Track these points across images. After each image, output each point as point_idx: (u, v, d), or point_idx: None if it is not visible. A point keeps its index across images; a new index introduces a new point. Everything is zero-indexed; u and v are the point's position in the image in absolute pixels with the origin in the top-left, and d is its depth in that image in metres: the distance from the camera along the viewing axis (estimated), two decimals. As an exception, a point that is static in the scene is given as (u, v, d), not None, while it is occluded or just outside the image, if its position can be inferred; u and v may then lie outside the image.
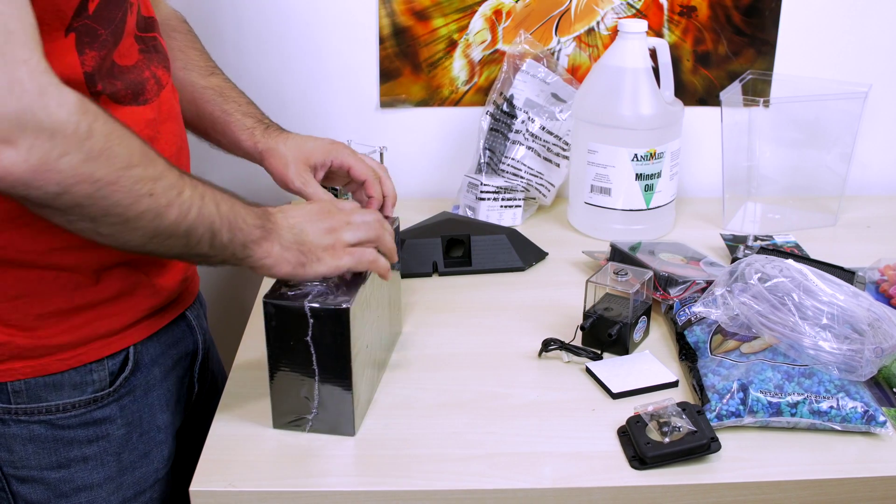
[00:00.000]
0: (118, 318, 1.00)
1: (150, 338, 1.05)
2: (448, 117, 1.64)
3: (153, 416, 1.06)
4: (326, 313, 0.95)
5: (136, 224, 0.85)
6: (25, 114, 0.75)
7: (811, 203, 1.58)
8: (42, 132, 0.76)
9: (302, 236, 0.99)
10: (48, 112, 0.76)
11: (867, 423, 1.01)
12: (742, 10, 1.57)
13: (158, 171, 0.86)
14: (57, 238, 0.94)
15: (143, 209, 0.84)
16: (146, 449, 1.05)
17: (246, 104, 1.21)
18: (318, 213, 1.03)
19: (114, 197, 0.82)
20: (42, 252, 0.94)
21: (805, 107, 1.54)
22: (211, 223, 0.90)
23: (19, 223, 0.92)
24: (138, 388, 1.04)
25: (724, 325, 1.10)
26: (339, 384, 0.99)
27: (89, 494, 1.02)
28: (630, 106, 1.43)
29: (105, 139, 0.81)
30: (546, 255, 1.44)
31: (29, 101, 0.75)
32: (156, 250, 0.90)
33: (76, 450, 1.00)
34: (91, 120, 0.80)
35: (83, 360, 0.98)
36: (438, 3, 1.55)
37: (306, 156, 1.17)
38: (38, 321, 0.96)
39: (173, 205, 0.87)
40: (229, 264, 0.97)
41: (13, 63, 0.75)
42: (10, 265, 0.93)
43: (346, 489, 0.95)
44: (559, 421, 1.04)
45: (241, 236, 0.94)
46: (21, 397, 0.97)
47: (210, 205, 0.91)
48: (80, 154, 0.79)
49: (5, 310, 0.94)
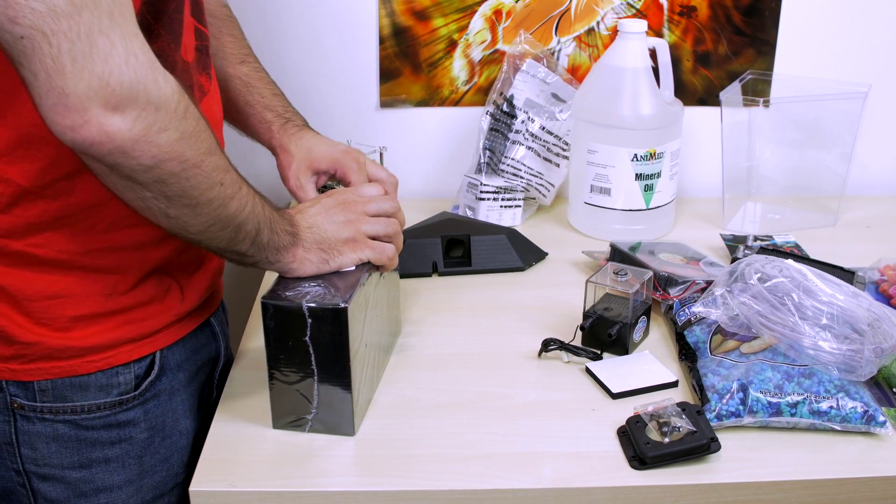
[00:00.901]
0: (148, 322, 1.01)
1: (175, 343, 1.05)
2: (448, 117, 1.64)
3: (176, 420, 1.05)
4: (325, 313, 0.96)
5: (203, 209, 0.88)
6: (138, 85, 0.77)
7: (811, 203, 1.58)
8: (150, 104, 0.79)
9: (321, 234, 1.02)
10: (158, 86, 0.79)
11: (867, 423, 1.01)
12: (742, 10, 1.57)
13: (226, 163, 0.90)
14: (96, 239, 0.95)
15: (213, 196, 0.88)
16: (167, 453, 1.05)
17: (271, 96, 1.22)
18: (335, 207, 1.05)
19: (194, 179, 0.85)
20: (80, 253, 0.95)
21: (805, 107, 1.54)
22: (258, 222, 0.94)
23: (60, 223, 0.93)
24: (163, 392, 1.04)
25: (723, 325, 1.10)
26: (338, 384, 0.99)
27: (109, 496, 1.02)
28: (630, 106, 1.43)
29: (196, 122, 0.84)
30: (546, 255, 1.44)
31: (143, 73, 0.78)
32: (206, 240, 0.92)
33: (98, 451, 1.00)
34: (187, 101, 0.83)
35: (111, 363, 0.99)
36: (438, 3, 1.55)
37: (312, 160, 1.18)
38: (72, 323, 0.96)
39: (235, 197, 0.91)
40: (257, 266, 1.00)
41: (129, 35, 0.77)
42: (48, 265, 0.94)
43: (346, 489, 0.95)
44: (559, 421, 1.04)
45: (276, 241, 0.97)
46: (47, 396, 0.97)
47: (258, 205, 0.95)
48: (177, 132, 0.82)
49: (39, 309, 0.95)
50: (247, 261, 0.98)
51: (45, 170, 0.90)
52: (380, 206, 1.08)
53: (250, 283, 1.38)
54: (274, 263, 0.99)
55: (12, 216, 0.91)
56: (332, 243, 1.02)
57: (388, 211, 1.09)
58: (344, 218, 1.04)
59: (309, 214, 1.03)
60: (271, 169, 1.61)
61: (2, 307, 0.94)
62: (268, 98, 1.22)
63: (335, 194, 1.08)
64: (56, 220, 0.93)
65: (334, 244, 1.02)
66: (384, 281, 1.11)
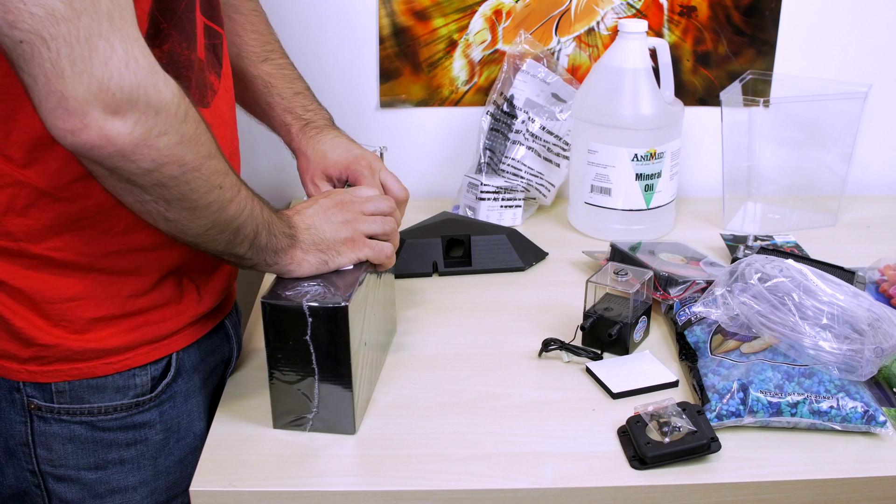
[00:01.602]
0: (165, 324, 1.01)
1: (191, 345, 1.05)
2: (448, 117, 1.64)
3: (190, 422, 1.06)
4: (325, 312, 0.96)
5: (202, 213, 0.88)
6: (138, 89, 0.77)
7: (811, 203, 1.58)
8: (150, 108, 0.79)
9: (319, 235, 1.02)
10: (158, 90, 0.79)
11: (867, 423, 1.01)
12: (742, 10, 1.57)
13: (225, 166, 0.90)
14: (113, 242, 0.95)
15: (212, 199, 0.88)
16: (182, 455, 1.05)
17: (291, 96, 1.22)
18: (332, 207, 1.05)
19: (194, 183, 0.85)
20: (98, 256, 0.95)
21: (805, 107, 1.54)
22: (256, 224, 0.94)
23: (79, 226, 0.93)
24: (179, 394, 1.04)
25: (724, 325, 1.10)
26: (339, 382, 0.99)
27: (123, 497, 1.02)
28: (630, 106, 1.43)
29: (196, 126, 0.84)
30: (546, 255, 1.44)
31: (143, 77, 0.78)
32: (204, 243, 0.92)
33: (114, 452, 1.00)
34: (187, 105, 0.83)
35: (129, 365, 0.99)
36: (438, 3, 1.55)
37: (326, 167, 1.18)
38: (90, 325, 0.96)
39: (234, 200, 0.91)
40: (255, 269, 1.00)
41: (129, 39, 0.77)
42: (66, 268, 0.94)
43: (347, 489, 0.95)
44: (559, 421, 1.04)
45: (274, 243, 0.97)
46: (64, 397, 0.97)
47: (257, 208, 0.95)
48: (177, 136, 0.82)
49: (58, 312, 0.95)
50: (245, 263, 0.98)
51: (60, 171, 0.90)
52: (376, 205, 1.08)
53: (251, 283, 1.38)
54: (272, 265, 0.99)
55: (30, 219, 0.92)
56: (331, 244, 1.02)
57: (385, 210, 1.09)
58: (342, 218, 1.04)
59: (306, 215, 1.03)
60: (271, 169, 1.62)
61: (20, 309, 0.94)
62: (288, 99, 1.22)
63: (332, 194, 1.08)
64: (73, 223, 0.93)
65: (333, 244, 1.02)
66: (380, 280, 1.11)
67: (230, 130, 1.07)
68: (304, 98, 1.23)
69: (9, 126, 0.88)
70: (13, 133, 0.88)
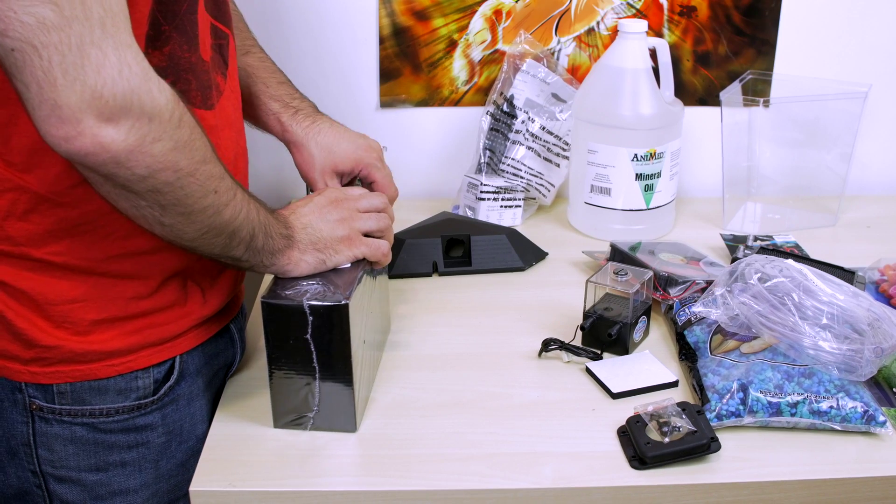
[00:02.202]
0: (169, 327, 1.01)
1: (195, 348, 1.05)
2: (448, 117, 1.64)
3: (193, 425, 1.05)
4: (326, 310, 0.96)
5: (197, 217, 0.88)
6: (132, 96, 0.77)
7: (811, 203, 1.58)
8: (143, 115, 0.78)
9: (316, 234, 1.02)
10: (151, 96, 0.79)
11: (867, 423, 1.01)
12: (742, 10, 1.57)
13: (221, 170, 0.90)
14: (115, 246, 0.95)
15: (207, 204, 0.88)
16: (184, 458, 1.05)
17: (276, 85, 1.21)
18: (327, 205, 1.05)
19: (188, 188, 0.85)
20: (101, 260, 0.95)
21: (805, 107, 1.54)
22: (252, 228, 0.94)
23: (79, 231, 0.93)
24: (181, 397, 1.03)
25: (724, 325, 1.10)
26: (339, 380, 0.99)
27: (124, 499, 1.02)
28: (630, 106, 1.43)
29: (191, 131, 0.84)
30: (546, 255, 1.44)
31: (136, 83, 0.77)
32: (200, 246, 0.92)
33: (116, 454, 1.00)
34: (182, 110, 0.83)
35: (131, 368, 0.99)
36: (438, 3, 1.55)
37: (334, 163, 1.18)
38: (92, 327, 0.96)
39: (230, 204, 0.90)
40: (253, 270, 1.00)
41: (122, 46, 0.77)
42: (68, 271, 0.94)
43: (347, 489, 0.95)
44: (559, 421, 1.04)
45: (271, 244, 0.97)
46: (65, 399, 0.97)
47: (253, 211, 0.94)
48: (171, 142, 0.81)
49: (60, 313, 0.95)
50: (242, 265, 0.98)
51: (60, 176, 0.90)
52: (371, 202, 1.09)
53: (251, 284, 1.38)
54: (269, 266, 0.99)
55: (31, 224, 0.92)
56: (328, 242, 1.02)
57: (379, 206, 1.09)
58: (338, 216, 1.04)
59: (302, 214, 1.03)
60: (270, 169, 1.62)
61: (23, 311, 0.94)
62: (273, 87, 1.21)
63: (326, 192, 1.08)
64: (74, 228, 0.93)
65: (330, 243, 1.02)
66: (376, 278, 1.11)
67: (236, 132, 1.07)
68: (288, 87, 1.22)
69: (9, 131, 0.88)
70: (13, 138, 0.88)
